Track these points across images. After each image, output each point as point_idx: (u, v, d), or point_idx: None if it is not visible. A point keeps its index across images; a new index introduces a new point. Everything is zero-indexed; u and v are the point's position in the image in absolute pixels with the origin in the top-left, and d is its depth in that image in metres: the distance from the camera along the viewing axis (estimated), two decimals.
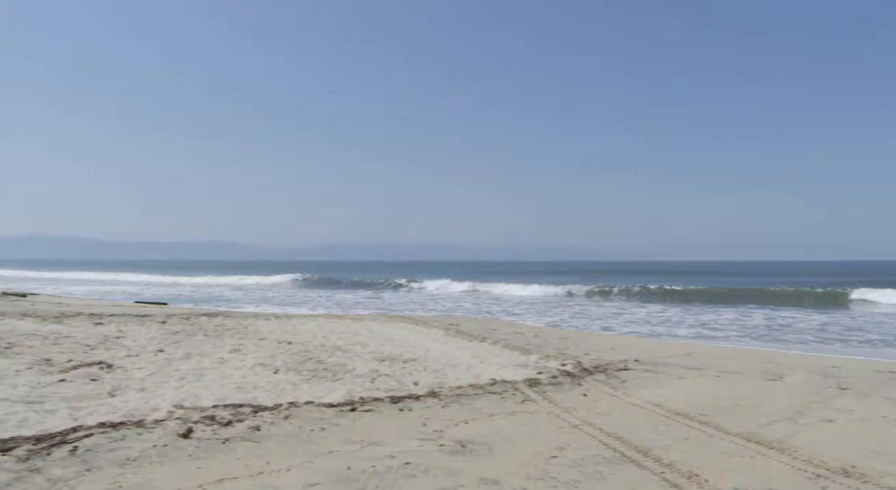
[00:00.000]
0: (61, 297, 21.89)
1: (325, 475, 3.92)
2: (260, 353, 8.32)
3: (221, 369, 7.12)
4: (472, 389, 6.58)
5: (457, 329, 12.50)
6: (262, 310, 20.08)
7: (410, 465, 4.13)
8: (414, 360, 8.24)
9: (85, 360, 7.15)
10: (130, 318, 11.87)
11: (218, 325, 11.28)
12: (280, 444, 4.52)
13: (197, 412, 5.12)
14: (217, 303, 24.60)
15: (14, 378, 6.06)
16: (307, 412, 5.32)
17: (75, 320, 11.08)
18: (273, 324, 12.17)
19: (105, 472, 3.80)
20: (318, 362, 7.76)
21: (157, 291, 32.91)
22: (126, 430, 4.53)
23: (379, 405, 5.76)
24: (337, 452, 4.39)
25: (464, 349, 9.69)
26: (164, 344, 8.73)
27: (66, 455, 3.98)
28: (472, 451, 4.55)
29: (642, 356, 9.31)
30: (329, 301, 27.15)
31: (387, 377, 7.06)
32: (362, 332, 11.27)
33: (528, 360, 8.59)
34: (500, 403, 6.09)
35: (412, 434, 4.92)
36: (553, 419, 5.54)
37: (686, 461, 4.35)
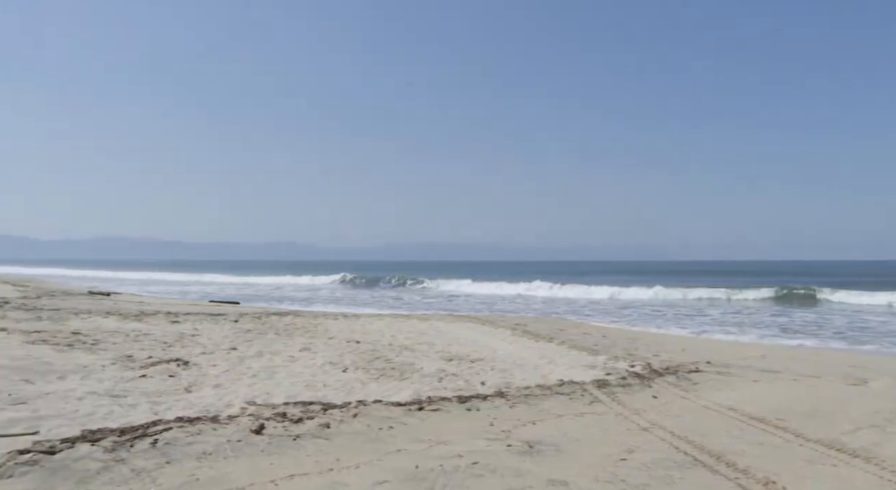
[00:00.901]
0: (141, 296, 22.79)
1: (394, 473, 3.95)
2: (329, 351, 8.46)
3: (292, 367, 7.28)
4: (539, 390, 6.54)
5: (524, 329, 12.44)
6: (331, 309, 20.42)
7: (478, 465, 4.12)
8: (481, 360, 8.24)
9: (163, 356, 7.41)
10: (205, 317, 12.27)
11: (288, 324, 11.53)
12: (349, 442, 4.58)
13: (269, 409, 5.24)
14: (287, 302, 25.16)
15: (100, 373, 6.34)
16: (375, 411, 5.38)
17: (154, 319, 11.52)
18: (341, 323, 12.37)
19: (183, 465, 3.94)
20: (385, 361, 7.84)
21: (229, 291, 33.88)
22: (202, 424, 4.68)
23: (446, 405, 5.78)
24: (405, 451, 4.43)
25: (531, 349, 9.63)
26: (237, 342, 8.98)
27: (148, 447, 4.13)
28: (539, 451, 4.51)
29: (714, 358, 9.06)
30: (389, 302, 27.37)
31: (454, 377, 7.08)
32: (429, 332, 11.34)
33: (597, 361, 8.47)
34: (568, 404, 6.03)
35: (480, 434, 4.92)
36: (622, 421, 5.45)
37: (762, 467, 4.21)
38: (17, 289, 18.17)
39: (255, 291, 34.70)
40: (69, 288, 22.44)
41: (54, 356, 7.02)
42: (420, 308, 22.99)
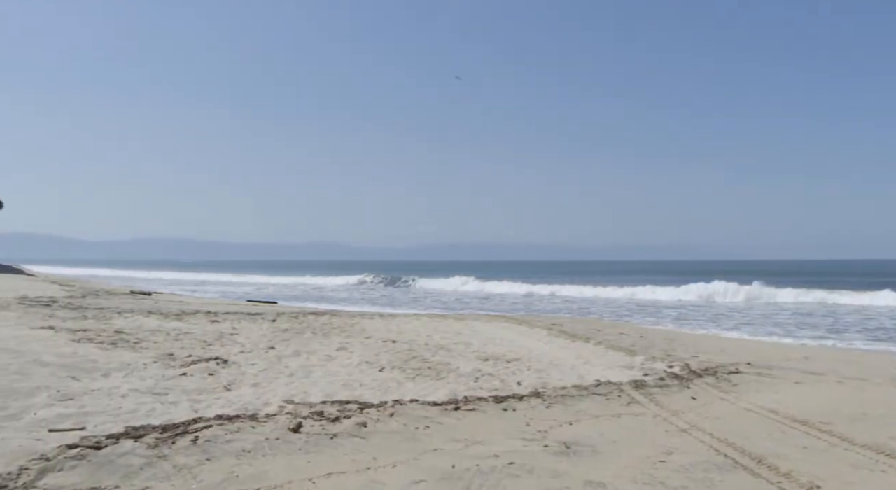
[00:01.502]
0: (181, 296, 23.19)
1: (430, 473, 3.96)
2: (365, 351, 8.51)
3: (328, 367, 7.33)
4: (576, 390, 6.49)
5: (560, 329, 12.36)
6: (367, 309, 20.54)
7: (514, 465, 4.11)
8: (517, 360, 8.22)
9: (203, 355, 7.53)
10: (243, 317, 12.43)
11: (325, 324, 11.63)
12: (386, 441, 4.60)
13: (306, 408, 5.29)
14: (325, 302, 25.38)
15: (143, 371, 6.47)
16: (412, 410, 5.40)
17: (194, 318, 11.71)
18: (378, 323, 12.44)
19: (223, 462, 4.00)
20: (422, 361, 7.86)
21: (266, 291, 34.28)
22: (241, 422, 4.74)
23: (483, 404, 5.77)
24: (441, 450, 4.43)
25: (567, 349, 9.57)
26: (275, 341, 9.08)
27: (189, 444, 4.20)
28: (576, 452, 4.48)
29: (755, 359, 8.89)
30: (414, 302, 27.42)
31: (490, 377, 7.07)
32: (465, 332, 11.34)
33: (634, 362, 8.38)
34: (605, 405, 5.98)
35: (516, 434, 4.90)
36: (660, 422, 5.38)
37: (806, 471, 4.12)
38: (64, 288, 18.64)
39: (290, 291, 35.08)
40: (112, 288, 22.94)
41: (99, 354, 7.18)
42: (457, 308, 23.02)
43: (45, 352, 6.96)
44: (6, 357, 6.45)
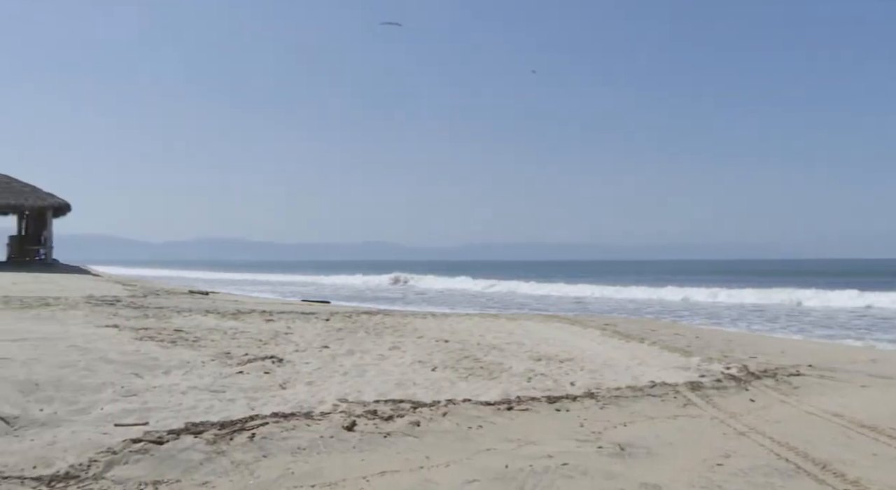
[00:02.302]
0: (237, 295, 23.69)
1: (484, 472, 3.95)
2: (418, 350, 8.55)
3: (382, 366, 7.39)
4: (630, 391, 6.40)
5: (613, 329, 12.21)
6: (419, 309, 20.64)
7: (568, 466, 4.07)
8: (570, 360, 8.14)
9: (258, 354, 7.67)
10: (297, 316, 12.63)
11: (378, 323, 11.73)
12: (439, 440, 4.61)
13: (360, 406, 5.34)
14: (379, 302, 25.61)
15: (201, 369, 6.63)
16: (465, 410, 5.40)
17: (249, 317, 11.94)
18: (430, 322, 12.48)
19: (279, 459, 4.06)
20: (474, 360, 7.86)
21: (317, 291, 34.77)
22: (296, 420, 4.81)
23: (536, 405, 5.74)
24: (494, 450, 4.42)
25: (621, 350, 9.44)
26: (329, 340, 9.20)
27: (246, 441, 4.29)
28: (631, 454, 4.42)
29: (817, 361, 8.62)
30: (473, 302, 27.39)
31: (543, 377, 7.02)
32: (517, 331, 11.29)
33: (690, 363, 8.22)
34: (661, 406, 5.88)
35: (569, 435, 4.86)
36: (717, 425, 5.27)
37: (875, 479, 3.96)
38: (126, 288, 19.24)
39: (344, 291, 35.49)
40: (171, 287, 23.58)
41: (160, 352, 7.39)
42: (511, 308, 22.96)
43: (110, 349, 7.19)
44: (75, 354, 6.69)
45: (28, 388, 5.18)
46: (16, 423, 4.41)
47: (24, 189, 28.69)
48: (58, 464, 3.74)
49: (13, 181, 28.91)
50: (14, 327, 8.51)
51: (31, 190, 28.83)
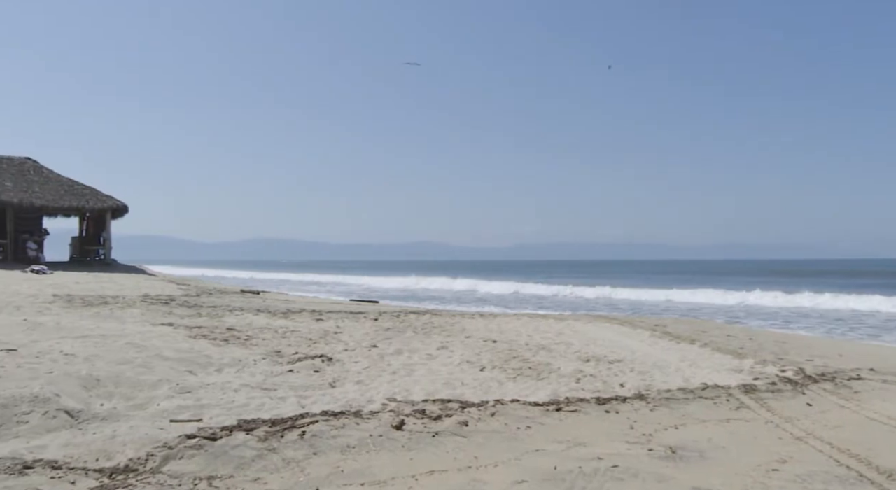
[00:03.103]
0: (287, 294, 24.05)
1: (532, 473, 3.94)
2: (466, 350, 8.55)
3: (430, 365, 7.42)
4: (681, 393, 6.29)
5: (663, 330, 12.01)
6: (467, 309, 20.65)
7: (618, 469, 4.03)
8: (619, 362, 8.05)
9: (308, 353, 7.78)
10: (346, 315, 12.75)
11: (426, 323, 11.77)
12: (487, 441, 4.61)
13: (408, 406, 5.37)
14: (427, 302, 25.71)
15: (253, 367, 6.75)
16: (513, 410, 5.39)
17: (299, 316, 12.11)
18: (478, 322, 12.47)
19: (329, 457, 4.12)
20: (522, 361, 7.83)
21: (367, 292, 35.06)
22: (345, 419, 4.86)
23: (584, 406, 5.69)
24: (543, 451, 4.40)
25: (671, 351, 9.29)
26: (377, 340, 9.26)
27: (296, 438, 4.35)
28: (682, 457, 4.35)
29: (879, 365, 8.33)
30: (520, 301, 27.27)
31: (592, 378, 6.96)
32: (566, 332, 11.21)
33: (743, 365, 8.04)
34: (713, 409, 5.76)
35: (619, 437, 4.80)
36: (772, 429, 5.14)
37: None
38: (181, 287, 19.71)
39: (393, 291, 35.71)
40: (223, 287, 24.07)
41: (213, 350, 7.55)
42: (560, 308, 22.80)
43: (166, 347, 7.38)
44: (133, 351, 6.89)
45: (90, 384, 5.35)
46: (79, 416, 4.57)
47: (85, 191, 29.65)
48: (118, 457, 3.87)
49: (76, 184, 29.90)
50: (77, 325, 8.81)
51: (92, 192, 29.77)
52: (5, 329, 7.87)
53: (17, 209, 27.82)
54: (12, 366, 5.65)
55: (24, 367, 5.65)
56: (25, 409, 4.52)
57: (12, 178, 28.45)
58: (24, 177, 28.98)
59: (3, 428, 4.25)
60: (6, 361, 5.82)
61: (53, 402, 4.69)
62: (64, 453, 3.87)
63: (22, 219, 28.56)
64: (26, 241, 28.30)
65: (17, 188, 27.97)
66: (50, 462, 3.72)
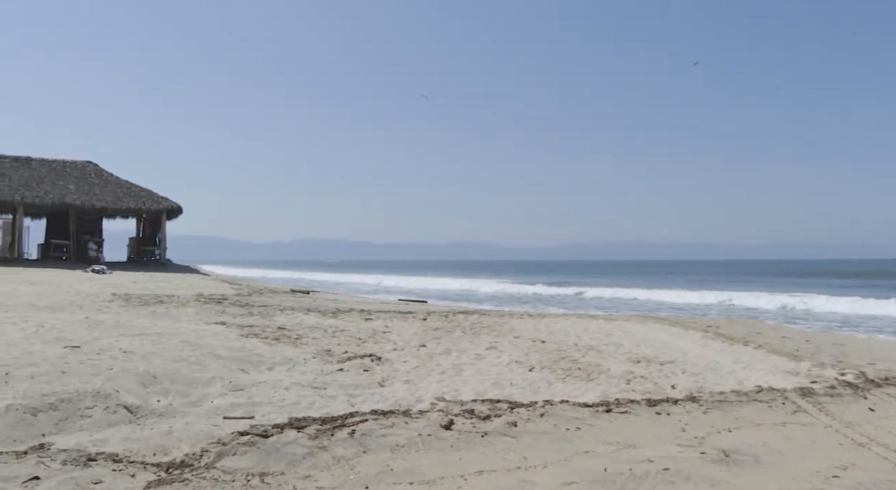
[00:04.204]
0: (336, 294, 24.33)
1: (582, 475, 3.90)
2: (515, 350, 8.52)
3: (479, 365, 7.42)
4: (734, 396, 6.16)
5: (716, 331, 11.77)
6: (515, 309, 20.58)
7: (670, 472, 3.97)
8: (671, 363, 7.92)
9: (358, 352, 7.85)
10: (395, 315, 12.83)
11: (474, 323, 11.76)
12: (536, 441, 4.59)
13: (457, 405, 5.38)
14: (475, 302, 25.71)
15: (303, 366, 6.85)
16: (562, 411, 5.35)
17: (349, 316, 12.23)
18: (527, 322, 12.42)
19: (378, 456, 4.15)
20: (571, 361, 7.77)
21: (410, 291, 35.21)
22: (395, 418, 4.90)
23: (635, 407, 5.61)
24: (593, 453, 4.36)
25: (724, 353, 9.10)
26: (426, 339, 9.30)
27: (346, 437, 4.40)
28: (736, 461, 4.25)
29: None
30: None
31: (642, 379, 6.86)
32: (615, 332, 11.08)
33: (799, 368, 7.83)
34: (768, 412, 5.63)
35: (670, 439, 4.73)
36: (832, 434, 4.99)
37: None
38: (232, 287, 20.11)
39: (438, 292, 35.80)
40: (274, 286, 24.48)
41: (264, 349, 7.68)
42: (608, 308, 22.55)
43: (219, 345, 7.54)
44: (187, 349, 7.06)
45: (147, 381, 5.51)
46: (138, 412, 4.70)
47: (142, 193, 30.52)
48: (174, 452, 3.97)
49: (133, 186, 30.81)
50: (134, 323, 9.06)
51: (148, 194, 30.62)
52: (69, 326, 8.14)
53: (78, 211, 28.82)
54: (76, 362, 5.85)
55: (86, 363, 5.84)
56: (88, 403, 4.68)
57: (75, 182, 29.48)
58: (86, 180, 29.99)
59: (68, 421, 4.41)
60: (70, 358, 6.02)
61: (114, 397, 4.84)
62: (124, 447, 3.99)
63: (83, 220, 29.58)
64: (87, 242, 29.29)
65: (79, 191, 28.96)
66: (111, 455, 3.85)
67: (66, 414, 4.49)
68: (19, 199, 27.36)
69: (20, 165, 29.41)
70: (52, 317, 9.28)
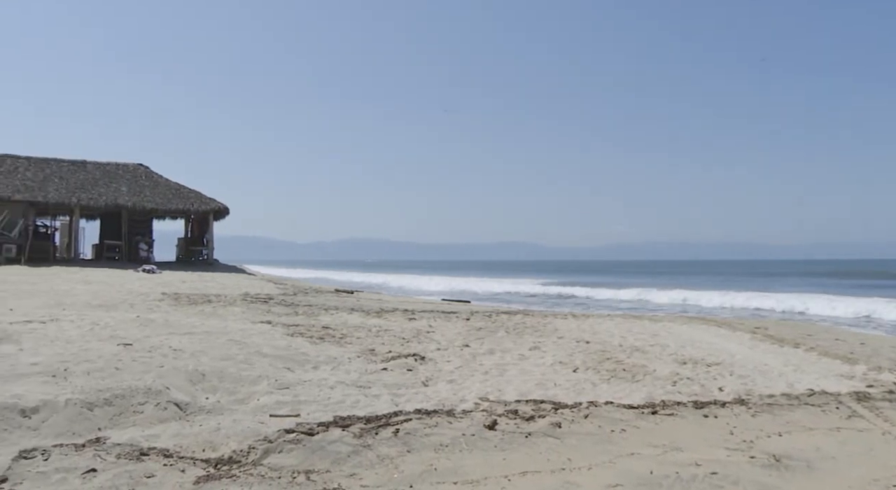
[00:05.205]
0: (380, 293, 24.51)
1: (627, 477, 3.86)
2: (558, 351, 8.47)
3: (522, 365, 7.39)
4: (785, 399, 6.02)
5: (765, 332, 11.53)
6: (558, 309, 20.45)
7: (718, 476, 3.89)
8: (718, 365, 7.78)
9: (401, 351, 7.89)
10: (438, 315, 12.87)
11: (518, 323, 11.73)
12: (580, 442, 4.55)
13: (501, 406, 5.37)
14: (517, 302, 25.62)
15: (348, 365, 6.92)
16: (607, 412, 5.30)
17: (392, 315, 12.31)
18: (570, 323, 12.33)
19: (422, 455, 4.17)
20: (616, 362, 7.68)
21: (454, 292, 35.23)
22: (438, 417, 4.91)
23: (681, 410, 5.53)
24: (638, 455, 4.31)
25: (773, 355, 8.90)
26: (469, 339, 9.30)
27: (390, 436, 4.43)
28: (788, 466, 4.15)
29: None
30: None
31: (689, 381, 6.76)
32: (661, 333, 10.93)
33: (854, 371, 7.61)
34: (821, 417, 5.48)
35: (718, 442, 4.64)
36: (891, 441, 4.83)
37: None
38: (278, 287, 20.41)
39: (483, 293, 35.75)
40: (319, 286, 24.76)
41: (309, 348, 7.78)
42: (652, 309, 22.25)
43: (265, 344, 7.66)
44: (234, 348, 7.19)
45: (196, 378, 5.63)
46: (187, 408, 4.81)
47: (191, 195, 31.20)
48: (222, 449, 4.05)
49: (182, 188, 31.52)
50: (184, 322, 9.27)
51: (196, 195, 31.29)
52: (122, 325, 8.37)
53: (130, 212, 29.61)
54: (128, 359, 6.01)
55: (138, 360, 6.00)
56: (140, 400, 4.81)
57: (127, 184, 30.30)
58: (137, 182, 30.79)
59: (122, 416, 4.54)
60: (123, 355, 6.19)
61: (164, 394, 4.96)
62: (174, 443, 4.08)
63: (134, 221, 30.39)
64: (138, 243, 30.08)
65: (131, 193, 29.75)
66: (162, 450, 3.95)
67: (119, 409, 4.62)
68: (75, 201, 28.23)
69: (76, 169, 30.35)
70: (105, 315, 9.55)
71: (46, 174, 29.19)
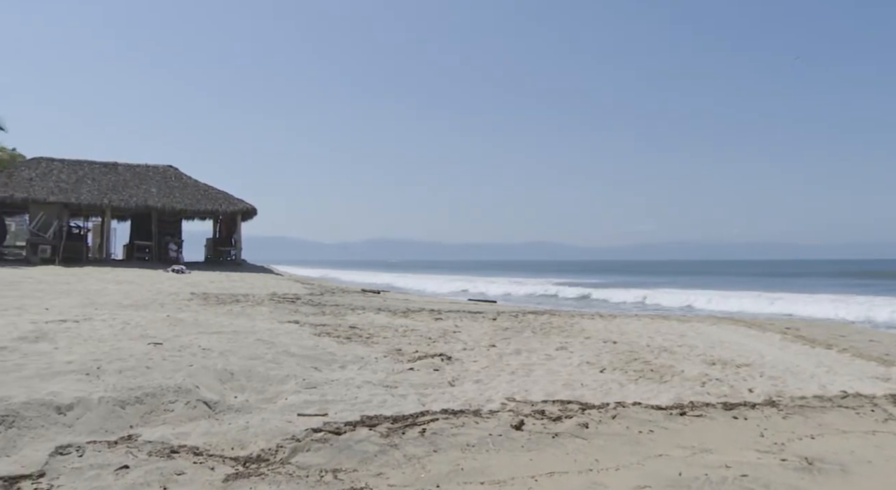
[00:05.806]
0: (407, 294, 24.57)
1: (655, 478, 3.83)
2: (585, 351, 8.43)
3: (549, 366, 7.36)
4: (817, 401, 5.92)
5: (796, 333, 11.36)
6: (586, 309, 20.34)
7: (748, 478, 3.85)
8: (748, 366, 7.68)
9: (428, 351, 7.90)
10: (465, 315, 12.87)
11: (544, 323, 11.69)
12: (608, 443, 4.53)
13: (528, 406, 5.36)
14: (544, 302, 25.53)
15: (375, 364, 6.94)
16: (634, 413, 5.26)
17: (419, 315, 12.34)
18: (598, 323, 12.26)
19: (449, 455, 4.17)
20: (644, 363, 7.62)
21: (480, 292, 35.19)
22: (465, 418, 4.91)
23: (710, 411, 5.47)
24: (667, 456, 4.27)
25: (805, 356, 8.76)
26: (496, 339, 9.29)
27: (417, 435, 4.44)
28: (821, 470, 4.09)
29: None
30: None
31: (718, 382, 6.68)
32: (689, 333, 10.82)
33: (890, 373, 7.47)
34: (855, 420, 5.38)
35: (748, 444, 4.58)
36: None
37: None
38: (305, 286, 20.57)
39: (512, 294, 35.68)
40: (345, 286, 24.91)
41: (336, 347, 7.82)
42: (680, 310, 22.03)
43: (292, 344, 7.72)
44: (263, 347, 7.25)
45: (225, 377, 5.69)
46: (216, 407, 4.87)
47: (219, 196, 31.56)
48: (251, 447, 4.09)
49: (210, 189, 31.90)
50: (212, 321, 9.37)
51: (224, 196, 31.64)
52: (152, 324, 8.49)
53: (160, 213, 30.04)
54: (159, 358, 6.09)
55: (168, 359, 6.08)
56: (171, 398, 4.87)
57: (157, 185, 30.75)
58: (167, 183, 31.22)
59: (153, 414, 4.60)
60: (154, 354, 6.28)
61: (194, 393, 5.02)
62: (204, 441, 4.14)
63: (164, 222, 30.83)
64: (168, 243, 30.51)
65: (161, 194, 30.18)
66: (192, 448, 4.00)
67: (150, 407, 4.69)
68: (107, 203, 28.71)
69: (108, 171, 30.85)
70: (136, 314, 9.69)
71: (79, 176, 29.73)
